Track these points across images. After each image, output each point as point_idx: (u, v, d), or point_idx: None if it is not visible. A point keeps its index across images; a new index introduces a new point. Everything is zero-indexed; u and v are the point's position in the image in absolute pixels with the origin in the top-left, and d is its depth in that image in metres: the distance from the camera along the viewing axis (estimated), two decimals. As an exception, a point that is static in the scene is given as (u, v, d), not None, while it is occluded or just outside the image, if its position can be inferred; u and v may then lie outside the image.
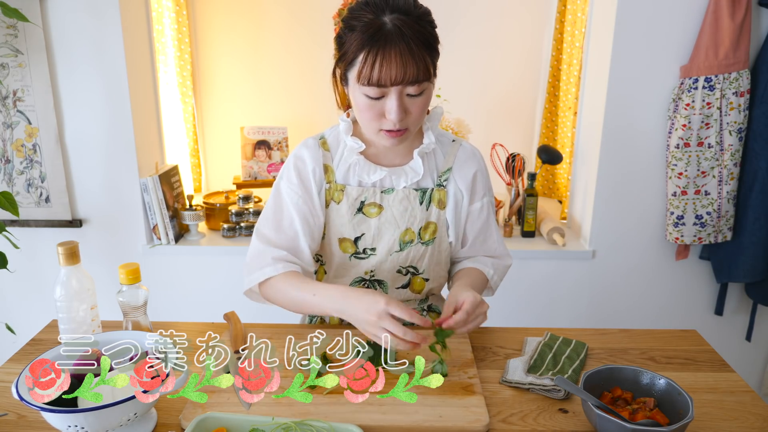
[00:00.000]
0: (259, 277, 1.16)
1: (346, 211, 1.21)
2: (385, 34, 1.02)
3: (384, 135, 1.11)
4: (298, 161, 1.23)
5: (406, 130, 1.11)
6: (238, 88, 2.66)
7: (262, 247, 1.19)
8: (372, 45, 1.02)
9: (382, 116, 1.08)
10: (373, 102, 1.07)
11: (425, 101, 1.09)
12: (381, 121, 1.09)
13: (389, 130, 1.10)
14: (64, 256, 1.11)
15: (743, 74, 1.91)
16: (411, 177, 1.21)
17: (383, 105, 1.07)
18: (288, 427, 0.88)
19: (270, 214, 1.23)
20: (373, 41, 1.02)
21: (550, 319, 2.30)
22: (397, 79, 1.03)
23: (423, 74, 1.04)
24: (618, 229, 2.18)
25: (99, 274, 1.73)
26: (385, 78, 1.03)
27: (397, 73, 1.02)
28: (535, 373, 1.08)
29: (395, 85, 1.04)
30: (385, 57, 1.02)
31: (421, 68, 1.04)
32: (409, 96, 1.07)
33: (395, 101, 1.05)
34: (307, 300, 1.11)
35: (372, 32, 1.02)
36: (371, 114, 1.09)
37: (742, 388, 1.08)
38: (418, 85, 1.05)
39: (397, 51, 1.01)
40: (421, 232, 1.23)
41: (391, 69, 1.02)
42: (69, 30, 2.02)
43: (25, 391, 0.86)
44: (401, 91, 1.05)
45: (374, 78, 1.03)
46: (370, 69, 1.02)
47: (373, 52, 1.02)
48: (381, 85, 1.04)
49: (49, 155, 2.11)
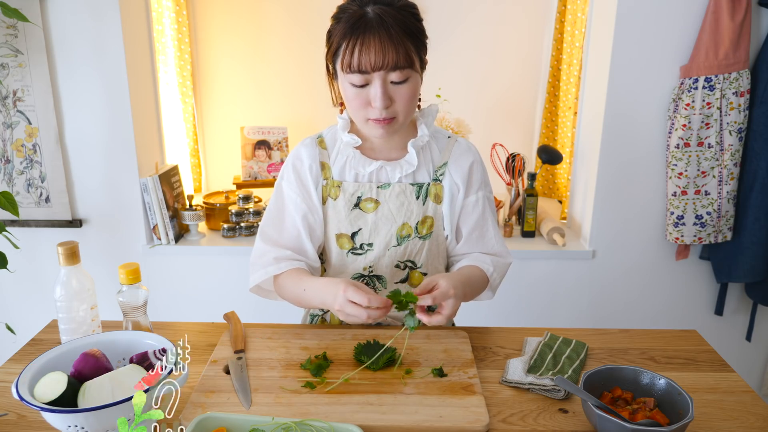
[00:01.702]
0: (262, 276, 1.20)
1: (343, 206, 1.23)
2: (366, 22, 1.06)
3: (372, 124, 1.14)
4: (296, 160, 1.26)
5: (394, 120, 1.13)
6: (238, 88, 2.66)
7: (266, 247, 1.24)
8: (353, 33, 1.07)
9: (368, 104, 1.12)
10: (359, 90, 1.11)
11: (410, 91, 1.12)
12: (368, 110, 1.12)
13: (377, 119, 1.12)
14: (64, 256, 1.11)
15: (743, 74, 1.91)
16: (406, 169, 1.23)
17: (368, 93, 1.10)
18: (288, 427, 0.88)
19: (272, 214, 1.27)
20: (354, 29, 1.06)
21: (550, 319, 2.30)
22: (377, 64, 1.06)
23: (404, 60, 1.07)
24: (618, 229, 2.18)
25: (99, 274, 1.73)
26: (365, 64, 1.07)
27: (376, 59, 1.06)
28: (535, 373, 1.08)
29: (376, 71, 1.07)
30: (365, 43, 1.06)
31: (401, 54, 1.07)
32: (393, 84, 1.10)
33: (379, 88, 1.09)
34: (301, 295, 1.16)
35: (353, 21, 1.07)
36: (358, 103, 1.12)
37: (742, 388, 1.08)
38: (399, 71, 1.08)
39: (377, 38, 1.06)
40: (418, 226, 1.24)
41: (370, 55, 1.06)
42: (69, 30, 2.02)
43: (25, 391, 0.86)
44: (384, 78, 1.09)
45: (354, 64, 1.07)
46: (350, 55, 1.07)
47: (353, 39, 1.06)
48: (363, 71, 1.07)
49: (49, 155, 2.11)
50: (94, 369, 0.93)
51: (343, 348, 1.17)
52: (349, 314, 1.04)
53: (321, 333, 1.23)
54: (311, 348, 1.17)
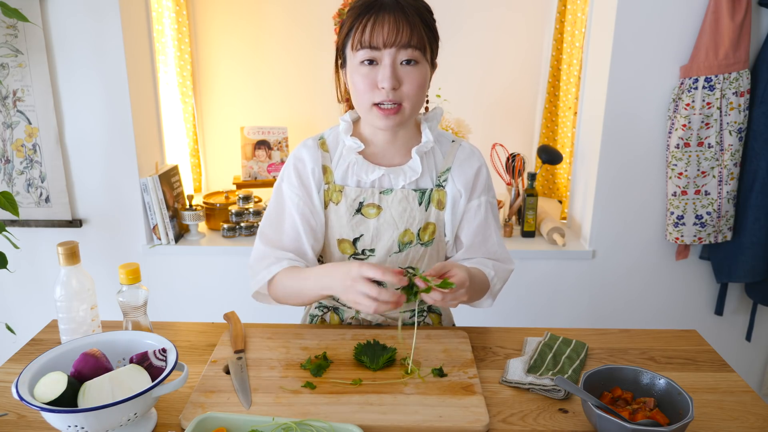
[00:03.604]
0: (266, 276, 1.18)
1: (344, 212, 1.21)
2: (381, 3, 1.08)
3: (377, 113, 1.12)
4: (298, 162, 1.23)
5: (400, 108, 1.12)
6: (238, 88, 2.67)
7: (266, 249, 1.21)
8: (368, 12, 1.08)
9: (375, 87, 1.10)
10: (367, 71, 1.10)
11: (419, 78, 1.11)
12: (374, 93, 1.11)
13: (382, 107, 1.11)
14: (64, 256, 1.11)
15: (743, 74, 1.91)
16: (410, 176, 1.21)
17: (376, 74, 1.09)
18: (288, 427, 0.88)
19: (272, 216, 1.24)
20: (368, 9, 1.08)
21: (549, 319, 2.30)
22: (389, 40, 1.06)
23: (417, 40, 1.08)
24: (618, 229, 2.18)
25: (99, 274, 1.73)
26: (377, 39, 1.07)
27: (389, 34, 1.06)
28: (535, 373, 1.08)
29: (387, 48, 1.07)
30: (378, 20, 1.07)
31: (416, 34, 1.07)
32: (402, 65, 1.09)
33: (388, 67, 1.08)
34: (303, 287, 1.14)
35: (369, 3, 1.08)
36: (365, 85, 1.11)
37: (742, 388, 1.08)
38: (412, 49, 1.08)
39: (392, 16, 1.07)
40: (420, 233, 1.23)
41: (384, 30, 1.06)
42: (69, 30, 2.02)
43: (25, 391, 0.86)
44: (394, 58, 1.08)
45: (366, 39, 1.07)
46: (362, 32, 1.07)
47: (367, 17, 1.07)
48: (374, 47, 1.07)
49: (49, 155, 2.11)
50: (94, 369, 0.93)
51: (343, 348, 1.17)
52: (360, 291, 0.99)
53: (321, 333, 1.23)
54: (311, 348, 1.17)
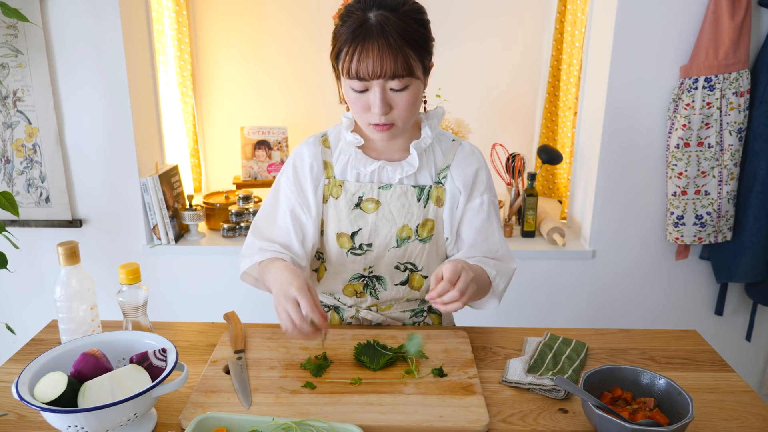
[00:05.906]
0: (248, 263, 1.22)
1: (344, 206, 1.23)
2: (366, 29, 1.05)
3: (372, 129, 1.14)
4: (297, 158, 1.27)
5: (393, 126, 1.13)
6: (238, 88, 2.66)
7: (254, 240, 1.26)
8: (353, 40, 1.06)
9: (368, 109, 1.11)
10: (359, 95, 1.11)
11: (411, 97, 1.11)
12: (368, 114, 1.12)
13: (376, 123, 1.12)
14: (64, 256, 1.11)
15: (743, 74, 1.91)
16: (407, 170, 1.23)
17: (368, 98, 1.10)
18: (288, 427, 0.88)
19: (267, 209, 1.29)
20: (354, 36, 1.06)
21: (549, 319, 2.30)
22: (375, 73, 1.06)
23: (402, 69, 1.06)
24: (618, 229, 2.18)
25: (99, 274, 1.73)
26: (363, 72, 1.06)
27: (374, 67, 1.05)
28: (535, 373, 1.08)
29: (375, 79, 1.07)
30: (364, 51, 1.05)
31: (400, 63, 1.06)
32: (392, 90, 1.09)
33: (378, 95, 1.08)
34: (265, 280, 1.17)
35: (355, 27, 1.06)
36: (358, 107, 1.12)
37: (742, 388, 1.08)
38: (399, 79, 1.07)
39: (376, 46, 1.05)
40: (418, 229, 1.23)
41: (368, 63, 1.05)
42: (69, 30, 2.02)
43: (25, 391, 0.86)
44: (383, 86, 1.08)
45: (353, 71, 1.07)
46: (350, 62, 1.07)
47: (353, 46, 1.06)
48: (361, 78, 1.07)
49: (49, 155, 2.11)
50: (94, 369, 0.93)
51: (343, 348, 1.17)
52: (286, 309, 1.02)
53: (321, 333, 1.23)
54: (311, 348, 1.17)
